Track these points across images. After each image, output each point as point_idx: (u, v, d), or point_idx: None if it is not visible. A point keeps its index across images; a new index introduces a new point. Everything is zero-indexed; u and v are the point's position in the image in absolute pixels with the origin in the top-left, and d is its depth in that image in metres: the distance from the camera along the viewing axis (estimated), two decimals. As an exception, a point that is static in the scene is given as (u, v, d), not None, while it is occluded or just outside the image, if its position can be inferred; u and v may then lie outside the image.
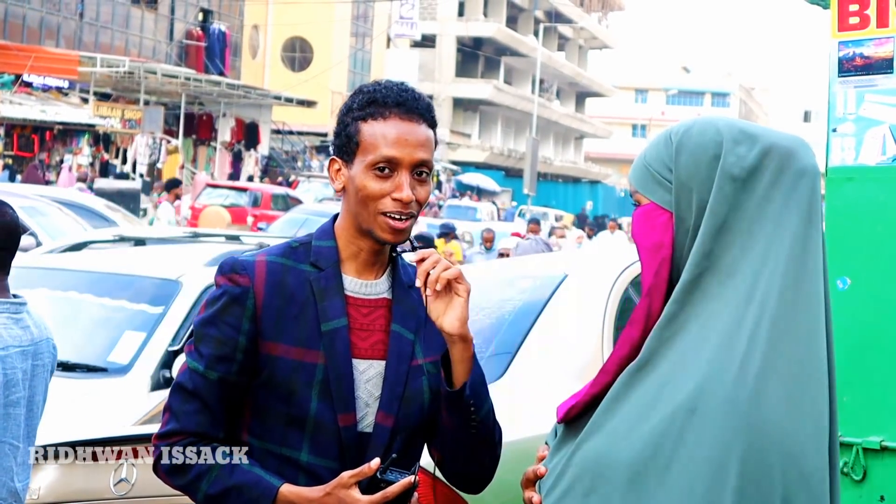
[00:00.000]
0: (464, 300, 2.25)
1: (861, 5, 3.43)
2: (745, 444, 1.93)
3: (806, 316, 2.01)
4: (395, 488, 2.23)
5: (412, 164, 2.29)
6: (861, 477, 3.41)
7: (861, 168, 3.46)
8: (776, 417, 1.95)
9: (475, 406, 2.30)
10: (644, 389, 2.01)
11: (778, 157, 2.06)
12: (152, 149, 31.00)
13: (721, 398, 1.94)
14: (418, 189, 2.30)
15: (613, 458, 1.99)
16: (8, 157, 27.77)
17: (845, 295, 3.42)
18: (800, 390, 1.98)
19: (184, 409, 2.31)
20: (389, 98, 2.32)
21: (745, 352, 1.96)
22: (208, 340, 2.30)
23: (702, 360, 1.97)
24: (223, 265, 2.33)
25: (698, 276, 2.02)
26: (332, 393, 2.28)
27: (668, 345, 2.02)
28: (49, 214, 13.91)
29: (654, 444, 1.96)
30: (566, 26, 61.16)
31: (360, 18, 48.34)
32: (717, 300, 2.01)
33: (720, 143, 2.06)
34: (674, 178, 2.07)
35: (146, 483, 3.61)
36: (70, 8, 34.25)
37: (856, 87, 3.46)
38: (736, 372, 1.95)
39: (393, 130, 2.29)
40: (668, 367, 2.00)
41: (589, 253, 10.29)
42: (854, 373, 3.40)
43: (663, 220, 2.08)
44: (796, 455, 1.96)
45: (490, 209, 34.32)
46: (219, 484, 2.28)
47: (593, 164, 69.70)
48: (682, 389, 1.97)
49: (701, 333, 2.00)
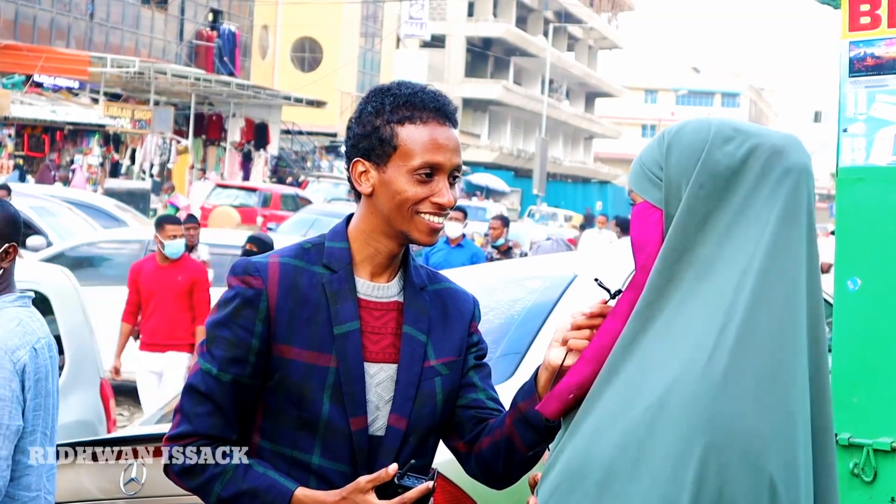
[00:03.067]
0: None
1: (872, 5, 3.42)
2: (707, 440, 1.94)
3: (780, 315, 2.00)
4: (413, 494, 2.21)
5: (451, 168, 2.32)
6: (872, 478, 3.40)
7: (871, 168, 3.45)
8: (739, 415, 1.95)
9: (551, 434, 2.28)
10: (618, 387, 2.03)
11: (765, 156, 2.06)
12: (162, 149, 31.05)
13: (687, 394, 1.96)
14: (453, 192, 2.34)
15: (591, 457, 2.01)
16: (19, 157, 27.83)
17: (856, 295, 3.42)
18: (763, 392, 1.97)
19: (196, 411, 2.30)
20: (427, 103, 2.32)
21: (714, 349, 1.97)
22: (221, 342, 2.29)
23: (675, 357, 1.99)
24: (236, 266, 2.33)
25: (672, 269, 2.04)
26: (344, 396, 2.27)
27: (643, 341, 2.03)
28: (59, 215, 13.97)
29: (625, 441, 1.98)
30: (576, 26, 61.11)
31: (370, 19, 48.35)
32: (693, 297, 2.02)
33: (708, 140, 2.07)
34: (664, 176, 2.09)
35: (156, 483, 3.61)
36: (80, 8, 34.32)
37: (866, 88, 3.45)
38: (702, 369, 1.96)
39: (434, 136, 2.30)
40: (643, 364, 2.01)
41: (599, 253, 10.25)
42: (864, 374, 3.39)
43: (655, 218, 2.09)
44: (757, 453, 1.95)
45: (499, 209, 34.33)
46: (232, 487, 2.27)
47: (603, 165, 69.63)
48: (655, 387, 1.98)
49: (676, 330, 2.01)
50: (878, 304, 3.41)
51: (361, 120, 2.34)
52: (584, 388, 2.10)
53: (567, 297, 3.95)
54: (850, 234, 3.46)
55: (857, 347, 3.41)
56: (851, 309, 3.41)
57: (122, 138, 31.37)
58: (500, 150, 54.22)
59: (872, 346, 3.41)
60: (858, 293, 3.42)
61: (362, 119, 2.34)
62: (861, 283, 3.42)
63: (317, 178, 35.32)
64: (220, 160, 36.73)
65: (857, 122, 3.47)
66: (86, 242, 11.34)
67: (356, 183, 2.35)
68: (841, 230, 3.48)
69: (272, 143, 39.25)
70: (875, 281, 3.41)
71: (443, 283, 2.46)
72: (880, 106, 3.44)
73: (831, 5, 3.65)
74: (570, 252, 10.62)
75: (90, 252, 11.40)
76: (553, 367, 2.20)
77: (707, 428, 1.94)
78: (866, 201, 3.45)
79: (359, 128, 2.34)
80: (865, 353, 3.39)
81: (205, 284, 8.50)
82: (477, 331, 2.48)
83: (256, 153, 37.76)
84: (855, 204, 3.47)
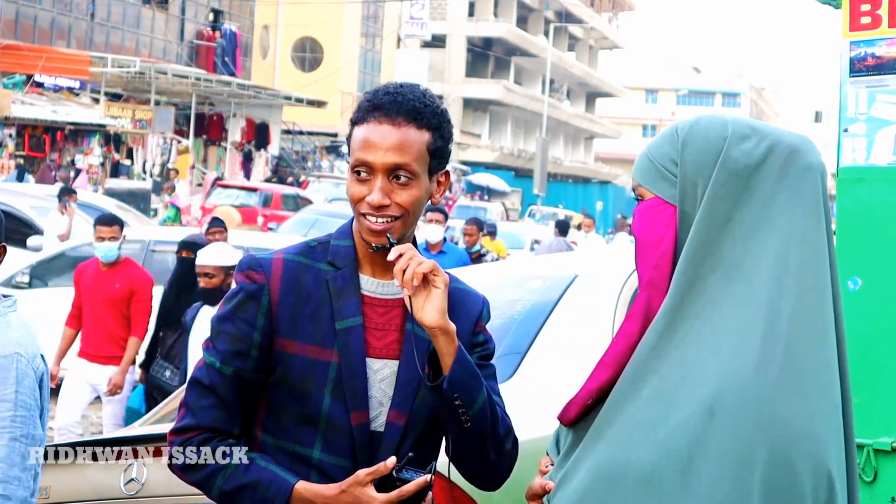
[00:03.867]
0: (441, 291, 2.24)
1: (873, 5, 3.42)
2: (768, 444, 1.91)
3: (820, 315, 1.99)
4: (411, 487, 2.23)
5: (384, 167, 2.30)
6: (872, 478, 3.40)
7: (872, 168, 3.45)
8: (796, 417, 1.93)
9: (461, 400, 2.26)
10: (654, 390, 1.98)
11: (784, 154, 2.05)
12: (163, 149, 31.05)
13: (740, 399, 1.92)
14: (397, 193, 2.30)
15: (629, 465, 1.96)
16: (19, 157, 27.83)
17: (856, 296, 3.42)
18: (817, 390, 1.96)
19: (200, 404, 2.33)
20: (377, 102, 2.33)
21: (762, 351, 1.93)
22: (224, 336, 2.33)
23: (717, 361, 1.95)
24: (242, 262, 2.37)
25: (697, 270, 2.00)
26: (346, 391, 2.29)
27: (673, 344, 1.99)
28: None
29: (672, 448, 1.93)
30: (576, 26, 61.09)
31: (371, 19, 48.34)
32: (725, 298, 1.98)
33: (726, 137, 2.04)
34: (679, 172, 2.05)
35: (156, 483, 3.61)
36: (81, 8, 34.31)
37: (867, 88, 3.45)
38: (753, 372, 1.93)
39: (368, 135, 2.31)
40: (678, 368, 1.97)
41: (599, 254, 10.26)
42: (865, 374, 3.39)
43: (667, 215, 2.06)
44: (818, 454, 1.94)
45: (499, 209, 34.30)
46: (234, 480, 2.29)
47: (603, 165, 69.61)
48: (698, 392, 1.94)
49: (711, 332, 1.97)
50: (878, 304, 3.41)
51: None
52: (603, 393, 2.07)
53: (567, 297, 3.95)
54: (851, 234, 3.46)
55: (857, 347, 3.40)
56: (852, 309, 3.41)
57: (122, 138, 31.37)
58: (500, 150, 54.20)
59: (873, 346, 3.40)
60: (859, 293, 3.42)
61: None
62: (861, 283, 3.42)
63: (317, 178, 35.29)
64: (221, 160, 36.73)
65: (857, 122, 3.47)
66: (86, 243, 11.32)
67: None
68: (842, 230, 3.48)
69: (273, 143, 39.24)
70: (876, 281, 3.41)
71: (452, 283, 2.45)
72: (881, 106, 3.44)
73: (832, 5, 3.65)
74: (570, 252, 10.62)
75: (91, 252, 11.38)
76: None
77: (768, 431, 1.91)
78: (867, 201, 3.45)
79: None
80: (866, 353, 3.39)
81: (145, 295, 7.79)
82: (484, 330, 2.48)
83: (257, 153, 37.75)
84: (855, 204, 3.47)
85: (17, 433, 2.61)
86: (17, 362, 2.65)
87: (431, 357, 2.29)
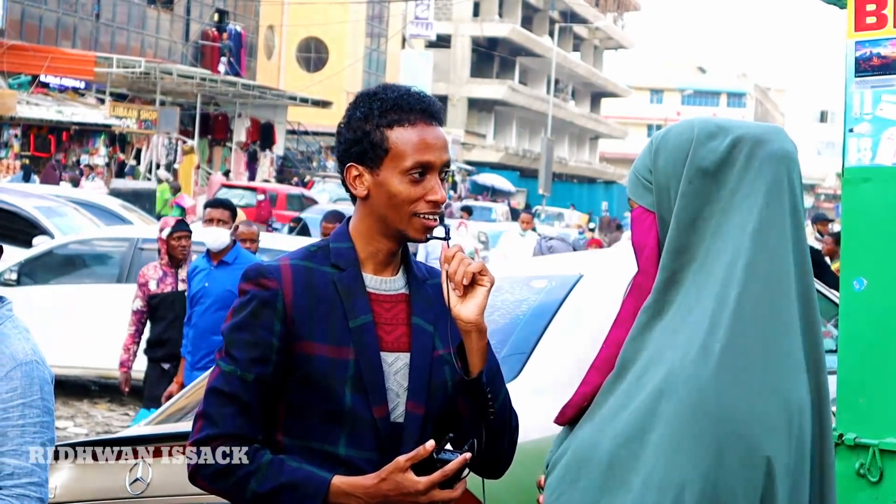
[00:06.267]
0: (486, 290, 2.34)
1: (878, 5, 3.42)
2: (704, 424, 1.99)
3: (770, 294, 2.05)
4: (453, 465, 2.27)
5: (441, 165, 2.40)
6: (878, 479, 3.40)
7: (878, 168, 3.44)
8: (734, 397, 2.01)
9: (492, 393, 2.38)
10: (628, 383, 2.09)
11: (747, 147, 2.11)
12: (168, 149, 31.07)
13: (682, 381, 2.01)
14: (444, 188, 2.42)
15: (597, 446, 2.08)
16: (25, 157, 27.88)
17: (862, 296, 3.41)
18: (761, 368, 2.02)
19: (222, 412, 2.33)
20: (413, 105, 2.39)
21: (707, 334, 2.02)
22: (241, 345, 2.35)
23: (674, 348, 2.04)
24: (248, 272, 2.39)
25: (674, 268, 2.09)
26: (366, 386, 2.34)
27: (650, 339, 2.09)
28: (66, 215, 13.97)
29: (629, 428, 2.04)
30: (581, 26, 61.10)
31: (375, 19, 48.38)
32: (692, 291, 2.08)
33: (692, 139, 2.12)
34: (654, 179, 2.15)
35: (162, 483, 3.62)
36: (86, 9, 34.36)
37: (872, 88, 3.45)
38: (696, 355, 2.02)
39: (423, 136, 2.38)
40: (646, 357, 2.08)
41: (604, 254, 10.26)
42: (870, 374, 3.38)
43: (649, 222, 2.16)
44: (752, 438, 2.00)
45: (504, 210, 34.33)
46: (269, 482, 2.30)
47: (608, 165, 69.62)
48: (656, 375, 2.04)
49: (676, 323, 2.07)
50: (884, 305, 3.40)
51: (351, 125, 2.41)
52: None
53: (573, 296, 3.95)
54: (857, 234, 3.45)
55: (863, 348, 3.40)
56: (857, 309, 3.40)
57: (127, 138, 31.41)
58: (505, 150, 54.22)
59: (878, 347, 3.40)
60: (864, 293, 3.41)
61: (352, 124, 2.41)
62: (867, 283, 3.42)
63: (322, 179, 35.32)
64: (226, 160, 36.76)
65: (862, 122, 3.47)
66: (75, 240, 11.30)
67: (351, 187, 2.43)
68: (847, 230, 3.47)
69: (278, 144, 39.28)
70: (881, 281, 3.41)
71: (439, 276, 2.51)
72: (886, 106, 3.43)
73: (837, 5, 3.65)
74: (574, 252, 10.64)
75: (79, 250, 11.35)
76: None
77: (703, 412, 1.99)
78: (872, 201, 3.45)
79: (349, 133, 2.41)
80: (871, 354, 3.39)
81: None
82: None
83: (262, 153, 37.77)
84: (861, 204, 3.47)
85: (46, 438, 2.68)
86: (36, 368, 2.70)
87: (459, 350, 2.37)
